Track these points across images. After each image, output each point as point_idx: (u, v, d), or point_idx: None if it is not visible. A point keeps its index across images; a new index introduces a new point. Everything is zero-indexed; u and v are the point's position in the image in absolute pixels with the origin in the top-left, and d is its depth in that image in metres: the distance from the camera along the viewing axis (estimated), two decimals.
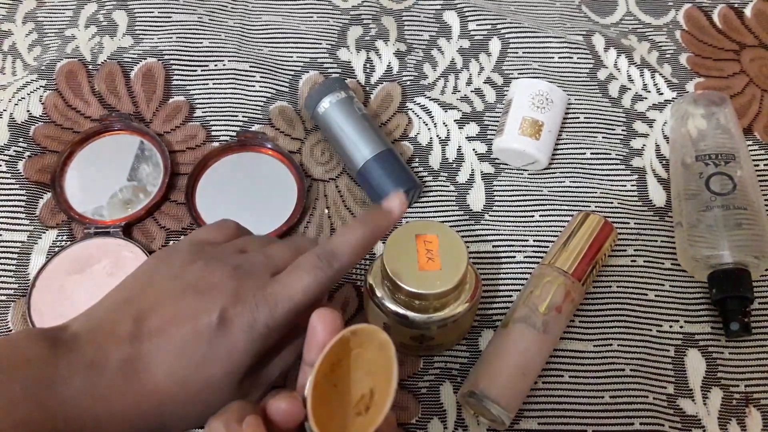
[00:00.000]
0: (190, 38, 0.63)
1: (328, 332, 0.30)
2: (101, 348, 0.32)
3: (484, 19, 0.64)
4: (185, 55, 0.62)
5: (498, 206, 0.56)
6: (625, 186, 0.56)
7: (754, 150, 0.58)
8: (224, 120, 0.59)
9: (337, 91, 0.56)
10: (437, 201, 0.56)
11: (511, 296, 0.52)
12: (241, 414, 0.29)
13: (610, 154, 0.58)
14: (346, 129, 0.54)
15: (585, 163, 0.57)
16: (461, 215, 0.55)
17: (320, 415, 0.27)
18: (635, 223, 0.55)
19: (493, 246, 0.54)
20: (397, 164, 0.54)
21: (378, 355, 0.29)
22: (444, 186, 0.57)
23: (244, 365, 0.33)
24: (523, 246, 0.54)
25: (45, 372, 0.31)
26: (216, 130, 0.59)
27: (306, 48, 0.63)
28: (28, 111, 0.59)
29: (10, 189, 0.56)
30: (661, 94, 0.61)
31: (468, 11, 0.65)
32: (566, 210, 0.55)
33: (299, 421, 0.29)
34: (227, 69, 0.61)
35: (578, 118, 0.59)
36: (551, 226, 0.54)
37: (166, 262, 0.37)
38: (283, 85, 0.61)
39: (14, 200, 0.55)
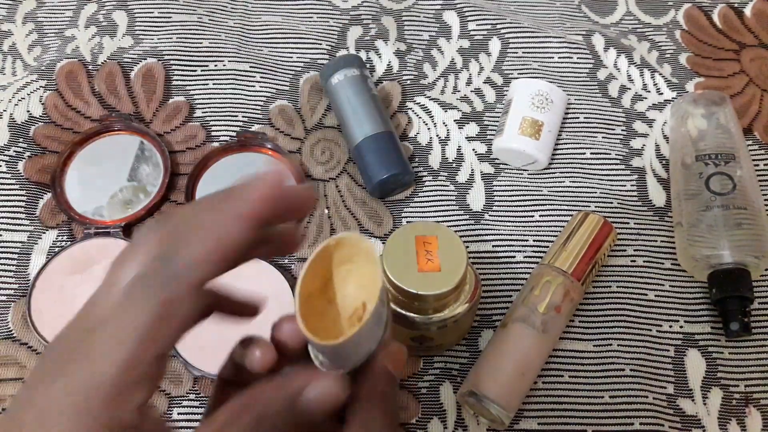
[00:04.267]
0: (190, 38, 0.63)
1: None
2: None
3: (484, 19, 0.64)
4: (185, 56, 0.62)
5: (498, 206, 0.56)
6: (625, 186, 0.56)
7: (754, 150, 0.58)
8: (224, 120, 0.59)
9: (354, 67, 0.57)
10: (437, 201, 0.56)
11: (510, 296, 0.52)
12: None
13: (609, 154, 0.58)
14: (353, 103, 0.56)
15: (585, 163, 0.57)
16: (461, 215, 0.55)
17: (317, 329, 0.28)
18: (635, 223, 0.55)
19: (493, 246, 0.54)
20: (393, 147, 0.55)
21: (367, 267, 0.30)
22: (444, 186, 0.57)
23: None
24: (522, 246, 0.54)
25: None
26: (216, 130, 0.59)
27: (306, 48, 0.63)
28: (28, 111, 0.59)
29: (10, 189, 0.56)
30: (661, 94, 0.61)
31: (468, 11, 0.65)
32: (566, 210, 0.55)
33: (302, 339, 0.29)
34: (227, 69, 0.61)
35: (578, 118, 0.59)
36: (551, 226, 0.54)
37: None
38: (283, 86, 0.61)
39: (14, 200, 0.55)
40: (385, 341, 0.30)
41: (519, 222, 0.55)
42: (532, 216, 0.55)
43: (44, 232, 0.54)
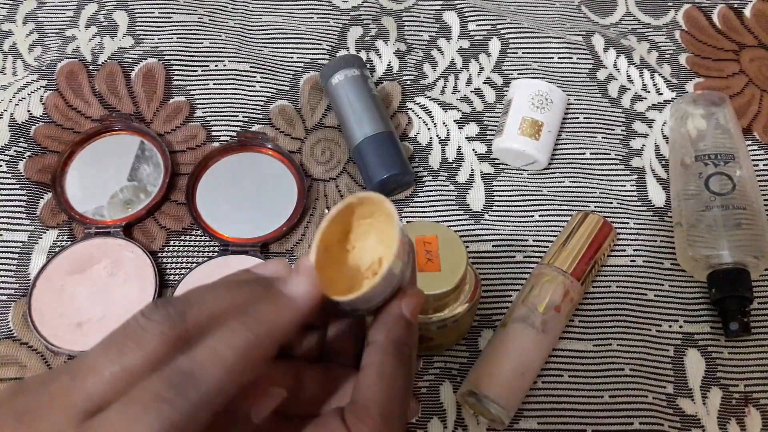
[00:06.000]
0: (190, 38, 0.63)
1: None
2: None
3: (484, 20, 0.64)
4: (185, 56, 0.62)
5: (498, 206, 0.56)
6: (625, 186, 0.57)
7: (754, 150, 0.58)
8: (224, 120, 0.59)
9: (354, 68, 0.57)
10: (437, 201, 0.56)
11: (510, 296, 0.52)
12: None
13: (609, 154, 0.58)
14: (353, 104, 0.56)
15: (584, 163, 0.57)
16: (461, 215, 0.55)
17: (330, 275, 0.28)
18: (635, 223, 0.55)
19: (493, 246, 0.54)
20: (393, 147, 0.55)
21: (386, 225, 0.30)
22: (444, 186, 0.57)
23: None
24: (522, 246, 0.54)
25: None
26: (216, 130, 0.59)
27: (306, 48, 0.63)
28: (29, 111, 0.59)
29: (10, 189, 0.56)
30: (661, 94, 0.61)
31: (468, 12, 0.65)
32: (566, 210, 0.55)
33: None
34: (227, 69, 0.61)
35: (578, 118, 0.59)
36: (551, 226, 0.55)
37: None
38: (283, 86, 0.61)
39: (15, 200, 0.55)
40: (404, 288, 0.30)
41: (519, 222, 0.55)
42: (532, 216, 0.55)
43: (45, 232, 0.54)
